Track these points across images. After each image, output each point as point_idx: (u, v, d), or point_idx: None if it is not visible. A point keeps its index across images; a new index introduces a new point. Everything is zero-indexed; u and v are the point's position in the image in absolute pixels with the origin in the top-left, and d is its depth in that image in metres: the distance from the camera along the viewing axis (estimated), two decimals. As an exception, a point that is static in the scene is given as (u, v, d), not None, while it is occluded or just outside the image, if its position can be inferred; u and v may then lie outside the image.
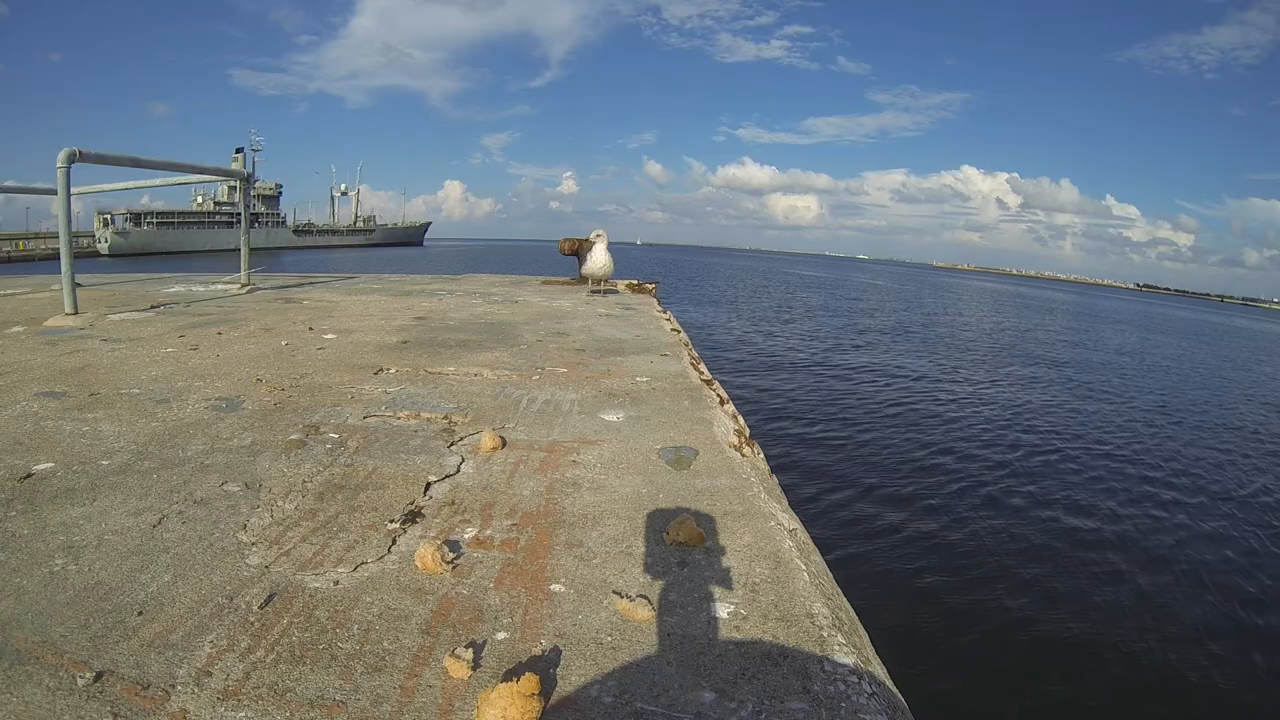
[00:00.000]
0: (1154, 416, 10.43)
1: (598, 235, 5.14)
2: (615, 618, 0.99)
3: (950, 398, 10.34)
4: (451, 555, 1.13)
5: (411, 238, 76.56)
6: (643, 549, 1.20)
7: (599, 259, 5.14)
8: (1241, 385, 16.09)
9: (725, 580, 1.09)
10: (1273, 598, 4.75)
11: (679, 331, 3.86)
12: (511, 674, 0.83)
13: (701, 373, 2.73)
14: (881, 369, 12.44)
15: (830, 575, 1.21)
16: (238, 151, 55.31)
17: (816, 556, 1.26)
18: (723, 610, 1.01)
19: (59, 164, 3.45)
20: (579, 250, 6.41)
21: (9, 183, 5.46)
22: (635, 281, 6.34)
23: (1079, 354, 18.31)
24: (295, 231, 61.50)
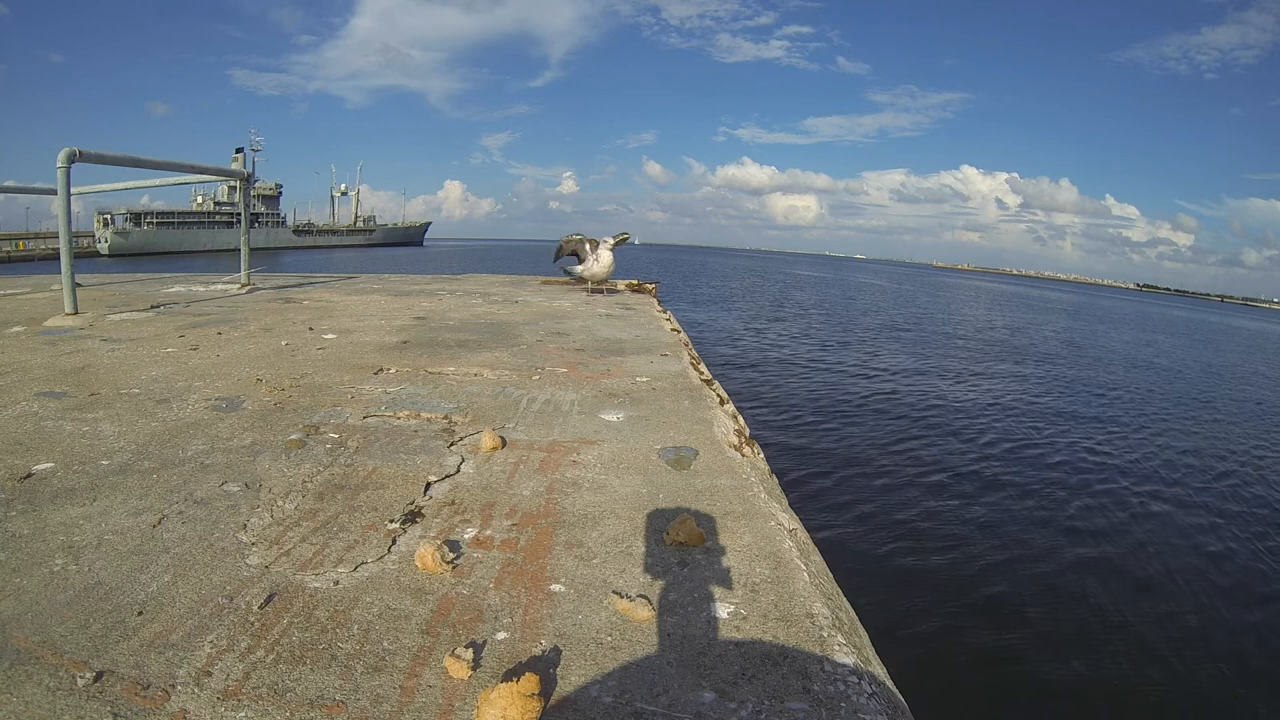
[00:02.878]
0: (1155, 415, 10.44)
1: (616, 238, 5.36)
2: (615, 618, 0.99)
3: (951, 397, 10.34)
4: (451, 555, 1.13)
5: (411, 238, 76.54)
6: (643, 549, 1.20)
7: (604, 259, 5.27)
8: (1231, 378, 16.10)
9: (725, 580, 1.09)
10: (1267, 594, 4.75)
11: (679, 331, 3.86)
12: (511, 674, 0.83)
13: (701, 373, 2.73)
14: (881, 369, 12.44)
15: (830, 575, 1.21)
16: (238, 151, 55.29)
17: (816, 556, 1.26)
18: (723, 610, 1.01)
19: (59, 164, 3.45)
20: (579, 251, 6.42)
21: (9, 183, 5.47)
22: (635, 281, 6.34)
23: (1079, 352, 18.31)
24: (295, 231, 61.46)
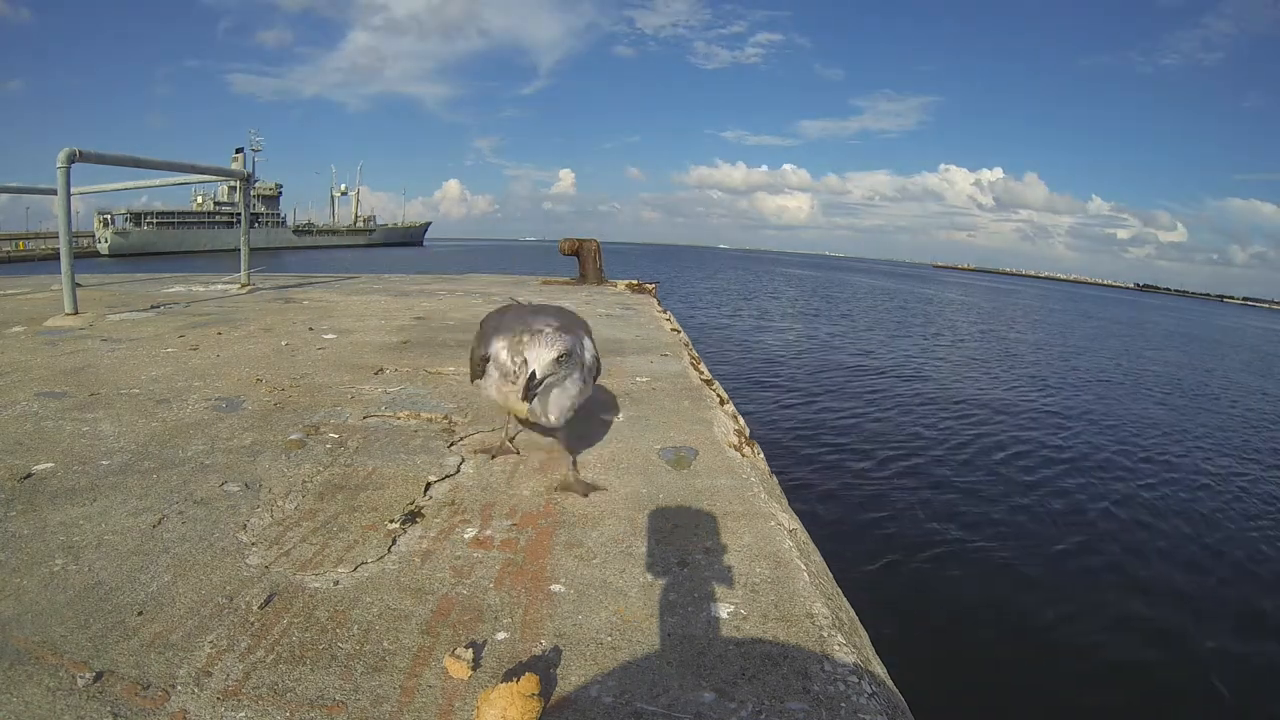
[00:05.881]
0: (1160, 414, 10.43)
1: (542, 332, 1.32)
2: (615, 618, 0.99)
3: (955, 396, 10.34)
4: (452, 555, 1.13)
5: (412, 238, 76.46)
6: (643, 549, 1.20)
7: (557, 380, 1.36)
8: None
9: (725, 580, 1.09)
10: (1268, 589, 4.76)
11: (679, 331, 3.86)
12: (512, 674, 0.83)
13: (701, 373, 2.73)
14: (882, 368, 12.44)
15: (830, 575, 1.21)
16: (238, 151, 55.28)
17: (816, 556, 1.26)
18: (723, 610, 1.01)
19: (59, 164, 3.45)
20: (579, 251, 6.43)
21: (10, 183, 5.46)
22: (635, 281, 6.34)
23: (1076, 347, 18.32)
24: (295, 231, 61.47)
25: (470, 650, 0.88)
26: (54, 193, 3.53)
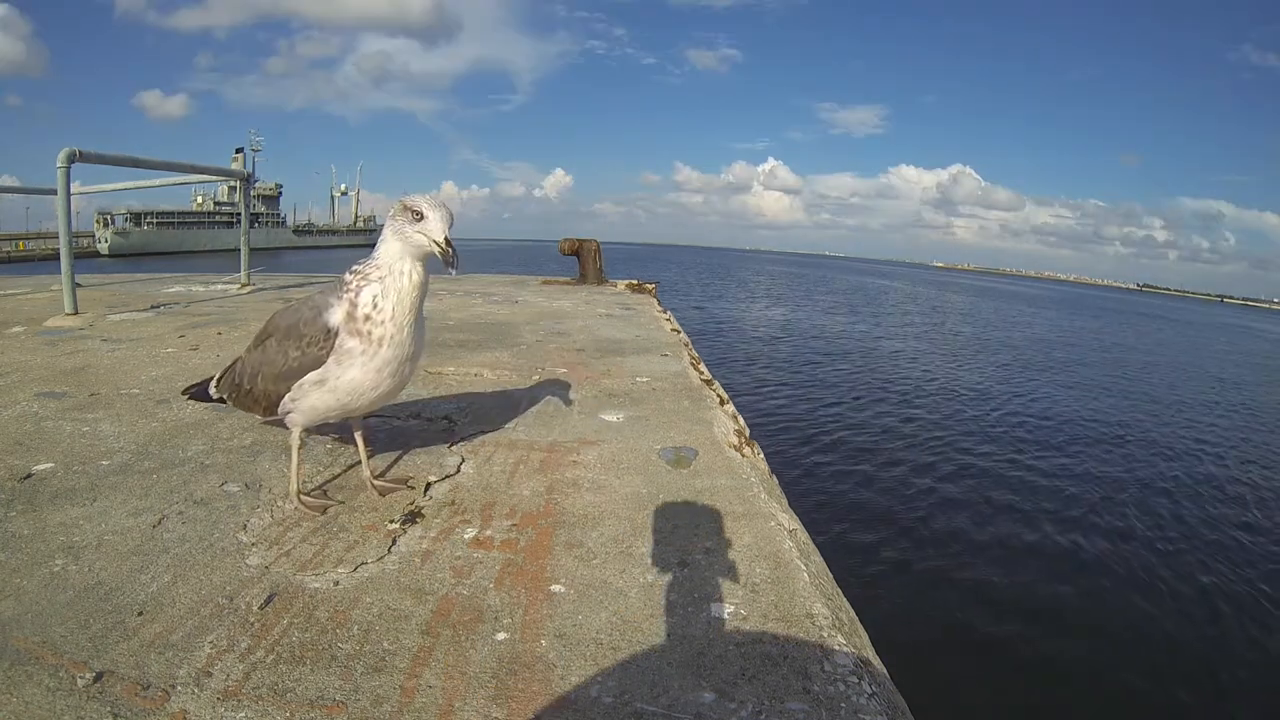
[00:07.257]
0: (1159, 414, 10.44)
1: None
2: (615, 618, 0.99)
3: (954, 396, 10.34)
4: (452, 555, 1.13)
5: (411, 238, 76.27)
6: (643, 549, 1.20)
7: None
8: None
9: (725, 580, 1.09)
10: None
11: (679, 331, 3.86)
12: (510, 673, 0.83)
13: (701, 373, 2.73)
14: (881, 367, 12.44)
15: (830, 575, 1.21)
16: (238, 151, 55.29)
17: (816, 556, 1.26)
18: (723, 610, 1.01)
19: (59, 164, 3.45)
20: (579, 251, 6.42)
21: (9, 182, 5.46)
22: (635, 281, 6.34)
23: (1071, 345, 18.32)
24: (295, 231, 61.53)
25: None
26: (54, 193, 3.53)
